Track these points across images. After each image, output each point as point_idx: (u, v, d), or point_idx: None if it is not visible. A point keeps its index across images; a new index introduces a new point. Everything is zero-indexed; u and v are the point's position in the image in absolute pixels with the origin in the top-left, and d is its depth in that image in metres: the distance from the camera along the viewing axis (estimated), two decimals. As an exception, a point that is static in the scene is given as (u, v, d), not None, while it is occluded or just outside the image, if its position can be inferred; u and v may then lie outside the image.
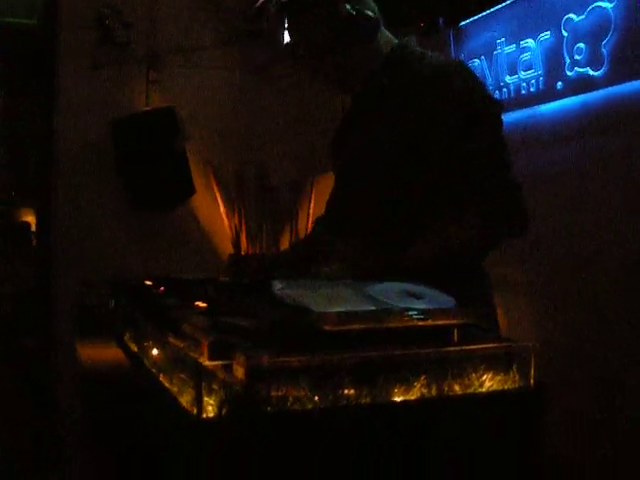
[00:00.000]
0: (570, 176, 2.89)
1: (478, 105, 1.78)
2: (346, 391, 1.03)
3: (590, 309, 2.84)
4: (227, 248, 4.33)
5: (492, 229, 1.74)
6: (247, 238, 4.35)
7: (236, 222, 4.36)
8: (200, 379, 0.99)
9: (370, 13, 1.86)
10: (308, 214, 4.31)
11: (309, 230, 4.21)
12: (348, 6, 1.82)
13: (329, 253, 1.76)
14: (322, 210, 2.26)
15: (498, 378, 1.14)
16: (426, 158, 1.76)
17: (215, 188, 4.37)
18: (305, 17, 1.87)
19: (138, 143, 4.10)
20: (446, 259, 1.73)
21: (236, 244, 4.33)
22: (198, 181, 4.27)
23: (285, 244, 4.35)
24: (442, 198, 1.77)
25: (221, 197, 4.37)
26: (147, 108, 4.20)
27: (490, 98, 1.86)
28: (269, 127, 4.55)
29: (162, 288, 1.90)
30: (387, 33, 1.96)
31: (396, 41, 1.96)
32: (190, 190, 4.22)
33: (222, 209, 4.37)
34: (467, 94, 1.77)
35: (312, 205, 4.30)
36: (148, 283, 2.10)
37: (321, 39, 1.86)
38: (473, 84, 1.82)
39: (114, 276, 2.62)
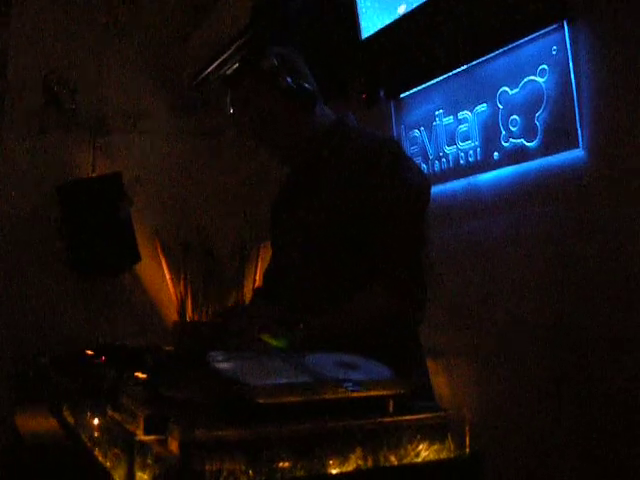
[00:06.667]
0: (505, 244, 2.96)
1: (399, 184, 1.85)
2: (281, 464, 1.03)
3: (515, 372, 2.88)
4: (172, 315, 4.30)
5: (396, 302, 1.79)
6: (192, 305, 4.33)
7: (181, 289, 4.34)
8: (133, 453, 0.98)
9: (309, 87, 1.94)
10: (254, 280, 4.31)
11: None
12: (289, 79, 1.90)
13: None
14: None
15: (434, 448, 1.15)
16: (351, 230, 1.84)
17: (160, 255, 4.36)
18: (247, 89, 1.95)
19: (83, 209, 4.08)
20: (354, 329, 1.78)
21: (181, 311, 4.31)
22: (143, 248, 4.25)
23: (230, 311, 4.33)
24: (358, 270, 1.84)
25: (166, 264, 4.36)
26: (93, 174, 4.19)
27: (414, 178, 1.90)
28: (214, 194, 4.58)
29: (103, 357, 1.89)
30: (326, 108, 2.04)
31: (333, 116, 2.04)
32: (135, 257, 4.20)
33: (167, 276, 4.35)
34: (391, 174, 1.85)
35: (258, 271, 4.30)
36: (89, 353, 2.09)
37: (263, 110, 1.93)
38: (399, 164, 1.89)
39: (55, 344, 2.59)
